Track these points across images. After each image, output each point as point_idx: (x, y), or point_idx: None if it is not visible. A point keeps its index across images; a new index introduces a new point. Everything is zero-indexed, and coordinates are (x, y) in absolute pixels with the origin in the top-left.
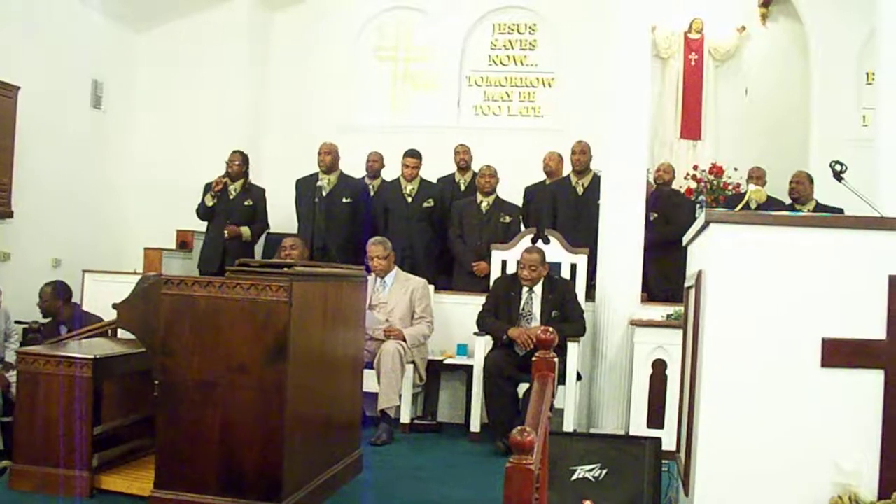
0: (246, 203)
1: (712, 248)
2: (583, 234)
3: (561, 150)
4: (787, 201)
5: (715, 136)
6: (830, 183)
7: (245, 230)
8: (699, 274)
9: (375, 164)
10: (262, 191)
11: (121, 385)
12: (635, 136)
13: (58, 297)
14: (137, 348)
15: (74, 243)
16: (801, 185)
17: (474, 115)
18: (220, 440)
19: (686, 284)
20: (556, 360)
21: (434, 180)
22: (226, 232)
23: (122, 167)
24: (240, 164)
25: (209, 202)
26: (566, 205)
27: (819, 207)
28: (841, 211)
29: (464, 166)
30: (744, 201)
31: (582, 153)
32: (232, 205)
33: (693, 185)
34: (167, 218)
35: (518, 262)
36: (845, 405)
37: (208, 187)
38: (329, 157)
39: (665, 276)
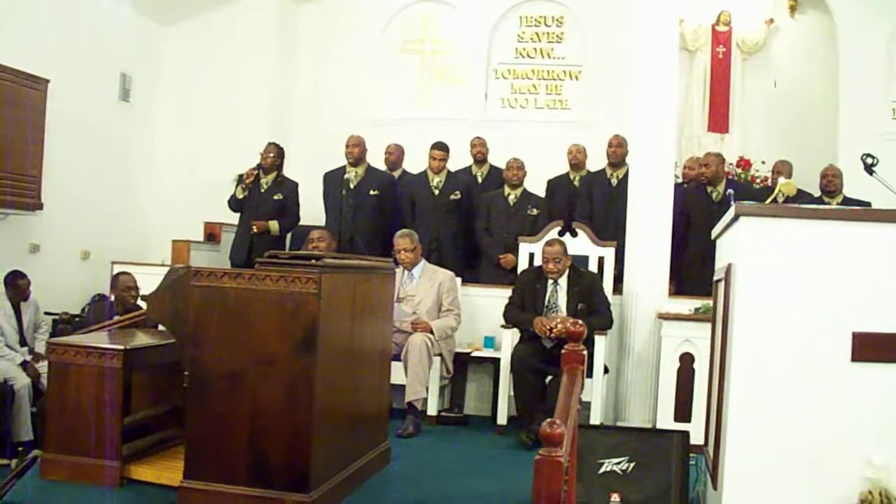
0: (276, 197)
1: (742, 242)
2: (615, 226)
3: (588, 143)
4: (816, 194)
5: (742, 130)
6: (854, 177)
7: (273, 224)
8: (728, 267)
9: (391, 156)
10: (295, 185)
11: (150, 376)
12: (663, 129)
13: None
14: (168, 339)
15: (103, 235)
16: (838, 179)
17: (501, 107)
18: (248, 431)
19: (715, 278)
20: (584, 352)
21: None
22: (253, 226)
23: (150, 160)
24: (274, 157)
25: (239, 194)
26: (601, 197)
27: (846, 201)
28: (869, 204)
29: (480, 159)
30: (773, 194)
31: (619, 146)
32: (262, 198)
33: None
34: (194, 210)
35: (542, 256)
36: (875, 399)
37: (240, 179)
38: (357, 150)
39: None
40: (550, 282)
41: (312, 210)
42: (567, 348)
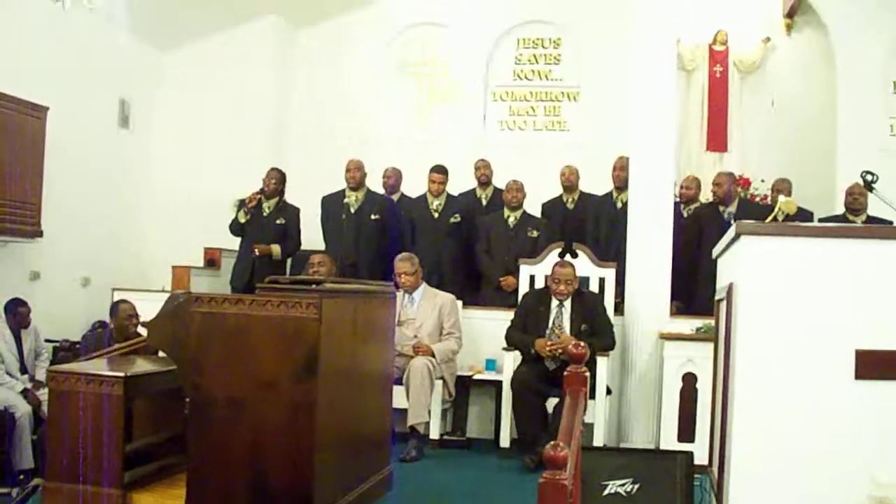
0: (278, 222)
1: (743, 261)
2: (622, 248)
3: (587, 164)
4: (812, 211)
5: (741, 148)
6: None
7: (276, 248)
8: (730, 287)
9: (389, 179)
10: (297, 210)
11: (152, 402)
12: (662, 148)
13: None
14: (168, 366)
15: (103, 262)
16: (863, 197)
17: (500, 129)
18: (250, 457)
19: (717, 297)
20: (587, 374)
21: (456, 195)
22: (255, 250)
23: (149, 186)
24: (276, 183)
25: (241, 219)
26: (607, 220)
27: (870, 220)
28: (891, 223)
29: (484, 181)
30: (774, 213)
31: (622, 169)
32: (264, 223)
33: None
34: (194, 235)
35: (549, 277)
36: (880, 417)
37: (242, 203)
38: (358, 174)
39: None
40: (555, 303)
41: (312, 234)
42: (569, 370)
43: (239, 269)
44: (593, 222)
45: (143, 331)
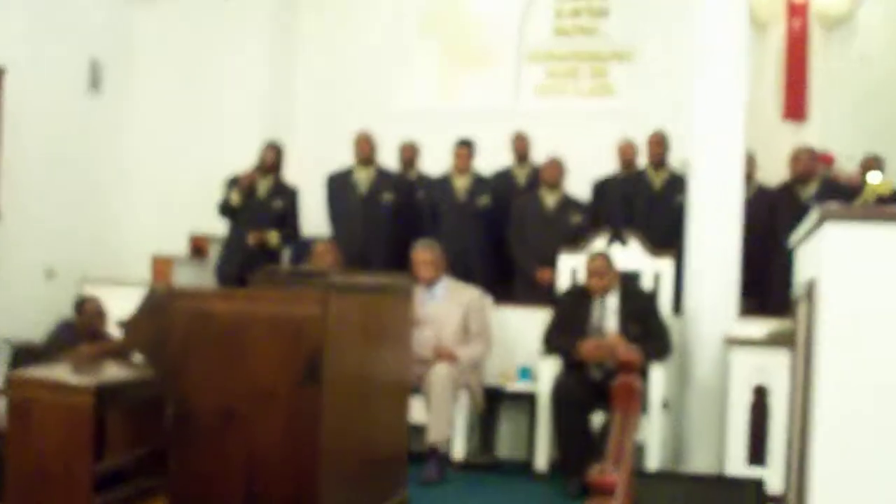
0: (275, 205)
1: (827, 252)
2: (659, 236)
3: (640, 137)
4: None
5: (824, 118)
6: None
7: (273, 236)
8: (811, 283)
9: (405, 154)
10: (295, 193)
11: (127, 415)
12: (730, 118)
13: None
14: (146, 372)
15: (71, 249)
16: None
17: (536, 96)
18: (243, 478)
19: (794, 295)
20: (640, 385)
21: (484, 175)
22: (250, 237)
23: (126, 161)
24: (273, 159)
25: (234, 200)
26: (642, 202)
27: None
28: None
29: (522, 157)
30: (864, 195)
31: (657, 144)
32: (259, 206)
33: None
34: (178, 220)
35: (586, 268)
36: None
37: (233, 182)
38: (366, 148)
39: None
40: (597, 301)
41: (314, 218)
42: (619, 380)
43: (227, 257)
44: (623, 203)
45: (116, 331)
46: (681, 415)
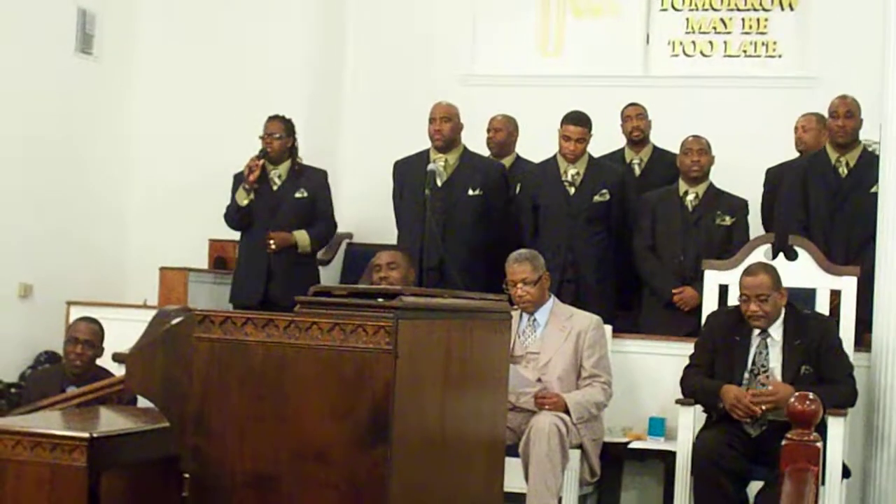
0: (297, 195)
1: None
2: (844, 239)
3: (808, 110)
4: None
5: None
6: None
7: (301, 236)
8: None
9: (498, 134)
10: (322, 175)
11: (129, 478)
12: None
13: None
14: (156, 423)
15: (54, 263)
16: None
17: (671, 56)
18: None
19: None
20: (819, 445)
21: (601, 161)
22: (270, 242)
23: (125, 145)
24: (281, 138)
25: (242, 200)
26: (822, 195)
27: None
28: None
29: (638, 138)
30: None
31: (848, 117)
32: (277, 200)
33: None
34: (193, 222)
35: (739, 292)
36: None
37: (239, 179)
38: (447, 127)
39: None
40: (756, 332)
41: (376, 219)
42: (790, 437)
43: (245, 275)
44: (799, 197)
45: (114, 367)
46: (868, 483)
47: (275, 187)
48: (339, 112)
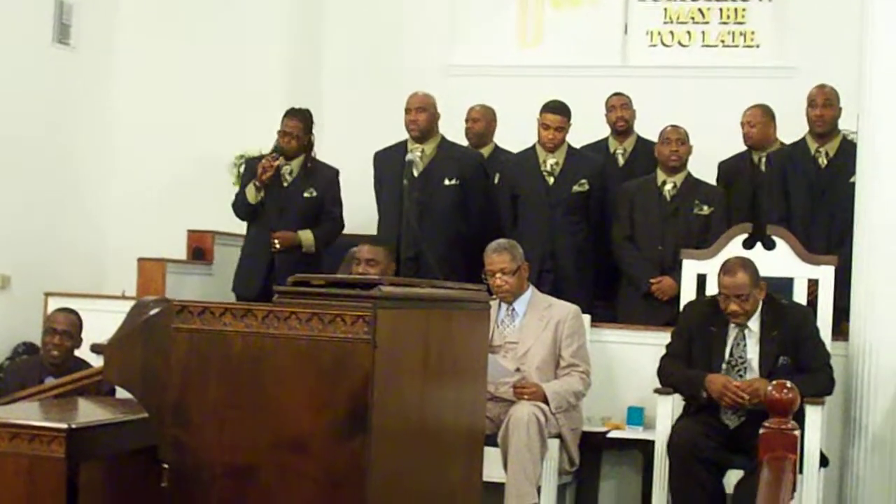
0: (307, 194)
1: None
2: (826, 229)
3: (791, 101)
4: None
5: None
6: None
7: (306, 236)
8: None
9: (476, 124)
10: (334, 173)
11: (108, 469)
12: None
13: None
14: (135, 413)
15: (31, 253)
16: None
17: (649, 46)
18: None
19: None
20: (797, 433)
21: (581, 150)
22: (275, 242)
23: (104, 136)
24: (299, 136)
25: (253, 197)
26: (803, 185)
27: None
28: None
29: (622, 128)
30: None
31: (826, 106)
32: (286, 197)
33: None
34: (172, 214)
35: (718, 289)
36: None
37: (250, 170)
38: (423, 117)
39: None
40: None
41: (355, 209)
42: (767, 426)
43: (248, 268)
44: (778, 190)
45: (92, 357)
46: (846, 472)
47: (285, 184)
48: (320, 102)
